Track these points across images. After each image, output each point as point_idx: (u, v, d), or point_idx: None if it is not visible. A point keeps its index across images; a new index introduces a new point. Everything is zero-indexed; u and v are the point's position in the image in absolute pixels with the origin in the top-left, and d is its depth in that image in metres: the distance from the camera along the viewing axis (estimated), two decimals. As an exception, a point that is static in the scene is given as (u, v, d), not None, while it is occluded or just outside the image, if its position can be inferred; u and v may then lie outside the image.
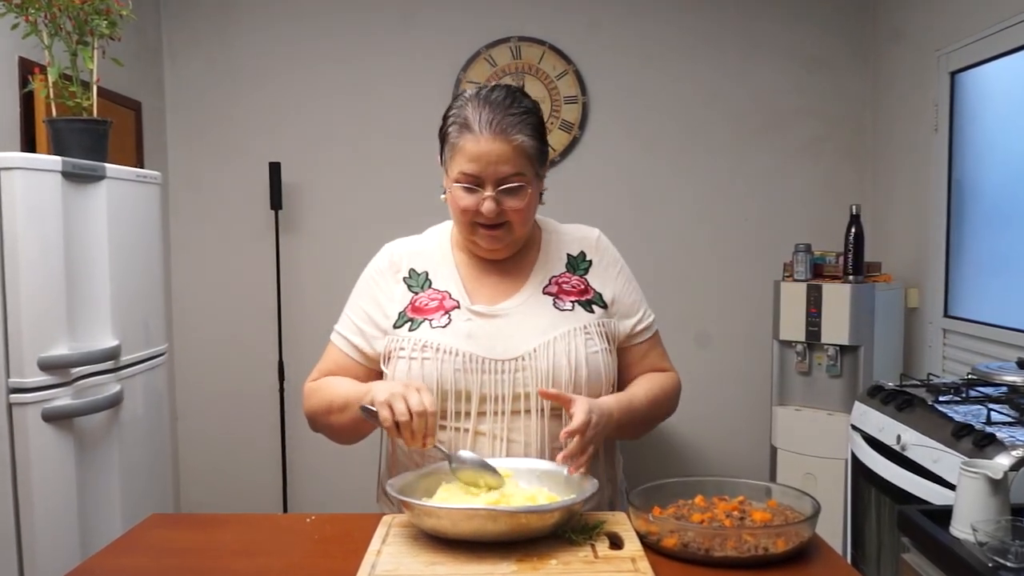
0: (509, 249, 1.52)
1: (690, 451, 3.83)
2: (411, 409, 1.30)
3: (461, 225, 1.48)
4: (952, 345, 3.01)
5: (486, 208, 1.41)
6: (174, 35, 3.76)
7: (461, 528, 1.19)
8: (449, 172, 1.46)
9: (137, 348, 2.38)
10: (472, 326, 1.47)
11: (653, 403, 1.53)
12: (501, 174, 1.41)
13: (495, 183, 1.41)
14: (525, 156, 1.43)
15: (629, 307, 1.57)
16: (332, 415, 1.48)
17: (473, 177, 1.41)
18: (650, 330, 1.59)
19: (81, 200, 2.15)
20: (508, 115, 1.42)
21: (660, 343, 1.63)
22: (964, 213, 3.01)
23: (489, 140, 1.40)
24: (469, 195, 1.43)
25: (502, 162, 1.40)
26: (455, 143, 1.43)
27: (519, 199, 1.43)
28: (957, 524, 1.39)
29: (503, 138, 1.40)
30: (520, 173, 1.42)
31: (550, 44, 3.70)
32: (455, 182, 1.44)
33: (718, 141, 3.75)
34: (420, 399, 1.31)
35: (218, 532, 1.38)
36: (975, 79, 2.95)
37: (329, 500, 3.74)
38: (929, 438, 1.95)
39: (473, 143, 1.40)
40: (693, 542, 1.18)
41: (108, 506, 2.22)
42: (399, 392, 1.32)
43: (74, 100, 2.23)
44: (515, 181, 1.42)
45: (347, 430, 1.49)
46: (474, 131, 1.41)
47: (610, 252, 1.60)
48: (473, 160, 1.40)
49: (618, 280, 1.57)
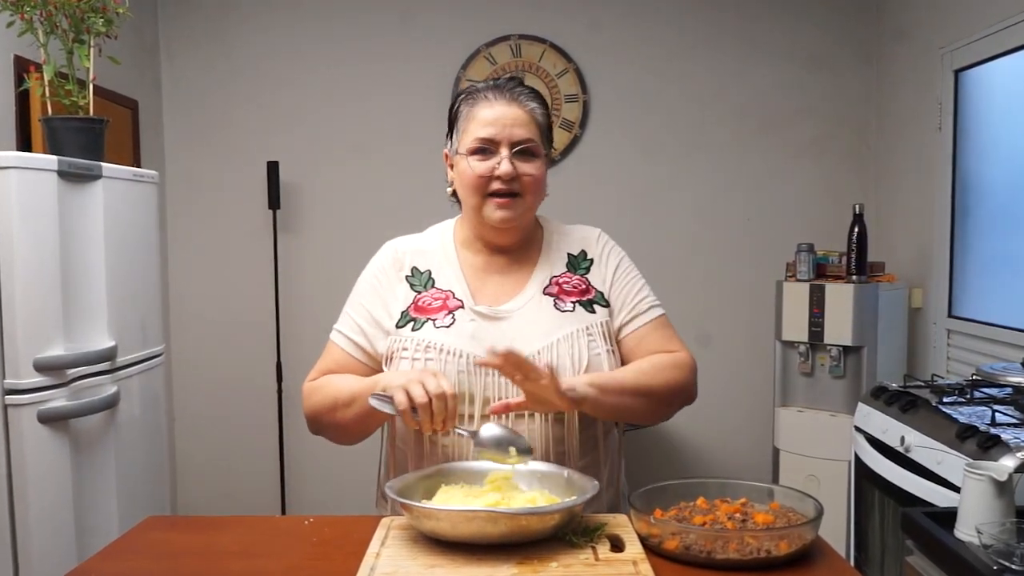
0: (519, 229, 1.51)
1: (692, 453, 3.83)
2: (429, 392, 1.29)
3: (475, 199, 1.48)
4: (956, 346, 3.00)
5: (503, 168, 1.44)
6: (171, 33, 3.76)
7: (461, 530, 1.18)
8: (461, 145, 1.48)
9: (134, 349, 2.38)
10: (476, 327, 1.46)
11: (640, 373, 1.46)
12: (516, 136, 1.45)
13: (510, 145, 1.45)
14: (536, 125, 1.48)
15: (623, 297, 1.55)
16: (338, 411, 1.46)
17: (488, 140, 1.45)
18: (651, 313, 1.55)
19: (77, 200, 2.14)
20: (518, 88, 1.50)
21: (668, 327, 1.56)
22: (968, 212, 3.01)
23: (504, 104, 1.47)
24: (484, 161, 1.45)
25: (517, 124, 1.46)
26: (468, 112, 1.48)
27: (533, 166, 1.47)
28: (962, 526, 1.39)
29: (516, 103, 1.47)
30: (532, 139, 1.47)
31: (551, 42, 3.70)
32: (469, 152, 1.46)
33: (720, 140, 3.75)
34: (438, 383, 1.30)
35: (216, 534, 1.38)
36: (979, 77, 2.95)
37: (328, 502, 3.74)
38: (933, 439, 1.95)
39: (487, 107, 1.47)
40: (695, 544, 1.18)
41: (104, 508, 2.22)
42: (415, 377, 1.31)
43: (70, 99, 2.23)
44: (529, 145, 1.46)
45: (353, 427, 1.47)
46: (488, 98, 1.47)
47: (610, 248, 1.59)
48: (489, 123, 1.45)
49: (618, 271, 1.57)
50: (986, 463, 1.42)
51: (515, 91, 1.48)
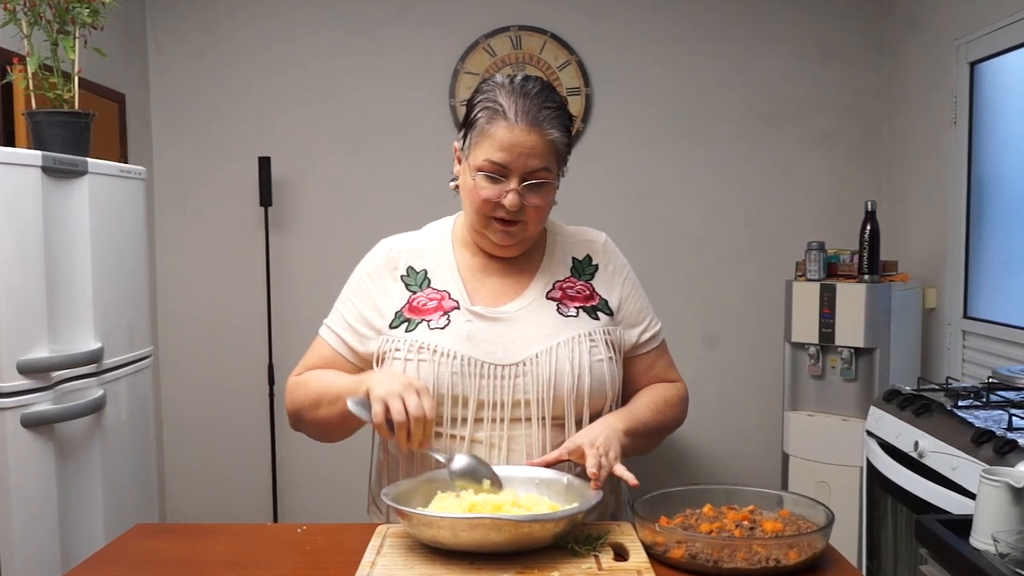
0: (519, 248, 1.52)
1: (698, 458, 3.83)
2: (409, 412, 1.29)
3: (476, 217, 1.47)
4: (972, 347, 3.00)
5: (509, 201, 1.41)
6: (159, 23, 3.76)
7: (461, 539, 1.18)
8: (471, 159, 1.44)
9: (121, 351, 2.38)
10: (472, 328, 1.46)
11: (657, 412, 1.53)
12: (530, 167, 1.41)
13: (521, 176, 1.41)
14: (555, 152, 1.44)
15: (636, 315, 1.57)
16: (321, 408, 1.46)
17: (500, 167, 1.41)
18: (657, 339, 1.60)
19: (62, 196, 2.14)
20: (544, 108, 1.42)
21: (667, 352, 1.63)
22: (984, 209, 3.01)
23: (524, 131, 1.40)
24: (492, 185, 1.42)
25: (533, 155, 1.41)
26: (485, 128, 1.42)
27: (541, 196, 1.44)
28: (977, 535, 1.39)
29: (538, 131, 1.40)
30: (547, 169, 1.43)
31: (551, 33, 3.70)
32: (479, 170, 1.42)
33: (727, 134, 3.75)
34: (419, 403, 1.29)
35: (205, 543, 1.38)
36: (995, 70, 2.95)
37: (321, 509, 3.74)
38: (948, 445, 1.95)
39: (506, 131, 1.40)
40: (701, 553, 1.18)
41: (90, 515, 2.22)
42: (397, 391, 1.30)
43: (55, 92, 2.23)
44: (542, 177, 1.43)
45: (335, 425, 1.47)
46: (508, 119, 1.40)
47: (617, 257, 1.60)
48: (504, 149, 1.40)
49: (624, 286, 1.58)
50: (1003, 469, 1.42)
51: (540, 115, 1.40)
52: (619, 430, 1.42)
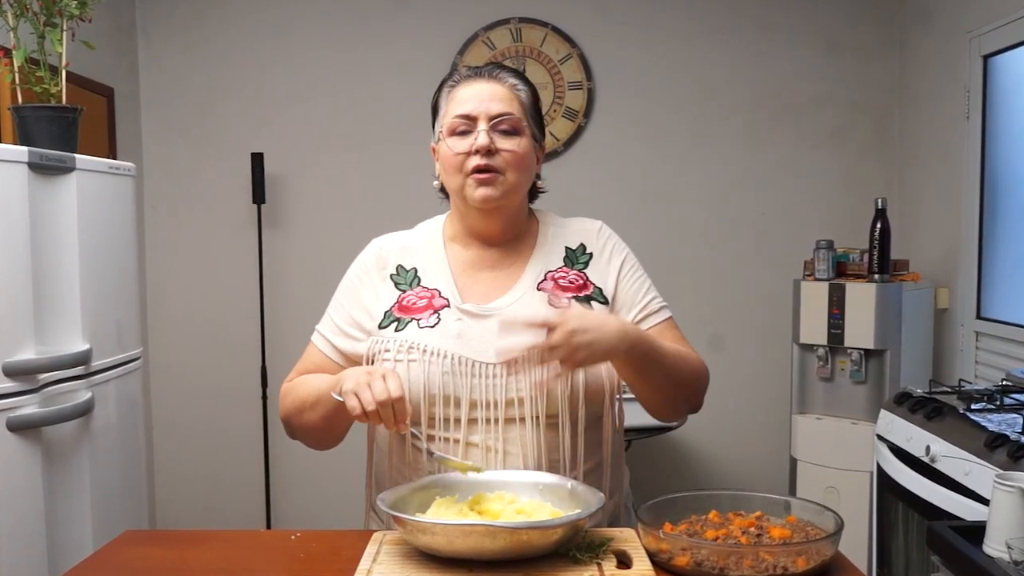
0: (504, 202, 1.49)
1: (703, 462, 3.83)
2: (375, 398, 1.30)
3: (455, 179, 1.49)
4: (985, 349, 3.01)
5: (479, 141, 1.45)
6: (149, 15, 3.76)
7: (457, 546, 1.18)
8: (443, 129, 1.50)
9: (109, 352, 2.38)
10: (462, 326, 1.47)
11: (675, 355, 1.45)
12: (494, 111, 1.47)
13: (488, 119, 1.47)
14: (518, 101, 1.50)
15: (633, 295, 1.54)
16: (305, 413, 1.48)
17: (465, 117, 1.47)
18: (659, 315, 1.54)
19: (49, 193, 2.14)
20: (499, 69, 1.54)
21: (675, 329, 1.56)
22: (998, 206, 3.01)
23: (482, 81, 1.51)
24: (462, 139, 1.48)
25: (495, 100, 1.48)
26: (448, 95, 1.52)
27: (514, 141, 1.48)
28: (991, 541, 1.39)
29: (495, 80, 1.51)
30: (512, 114, 1.48)
31: (553, 26, 3.70)
32: (448, 133, 1.49)
33: (733, 130, 3.75)
34: (384, 386, 1.31)
35: (196, 550, 1.38)
36: (1010, 63, 2.95)
37: (316, 515, 3.74)
38: (960, 449, 1.95)
39: (465, 88, 1.50)
40: (707, 560, 1.18)
41: (78, 522, 2.22)
42: (364, 380, 1.32)
43: (41, 86, 2.23)
44: (508, 121, 1.48)
45: (322, 429, 1.48)
46: (466, 79, 1.52)
47: (612, 242, 1.58)
48: (466, 101, 1.49)
49: (621, 270, 1.55)
50: (1017, 474, 1.42)
51: (495, 71, 1.52)
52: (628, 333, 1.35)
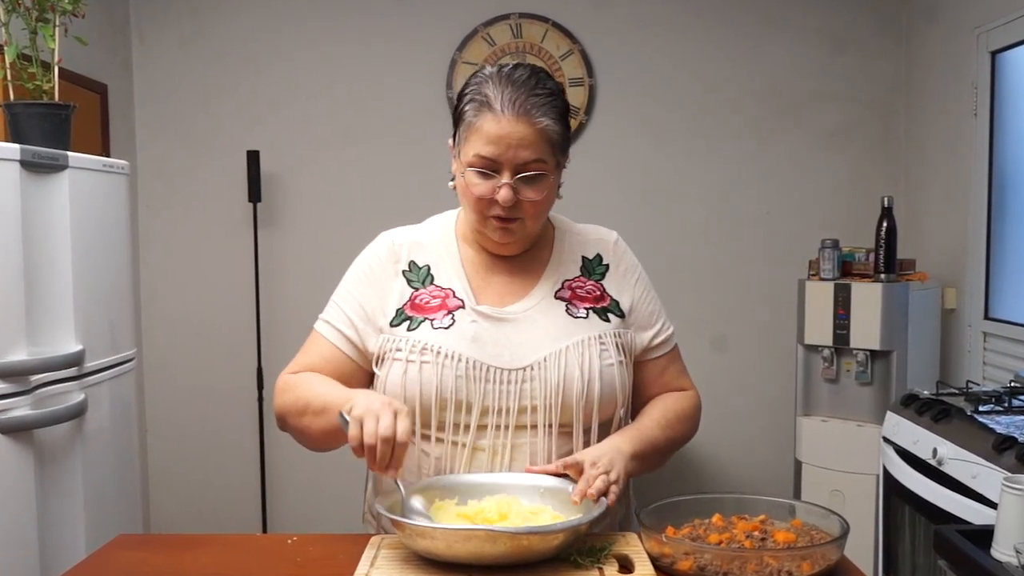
0: (520, 245, 1.52)
1: (706, 466, 3.83)
2: (377, 433, 1.25)
3: (473, 215, 1.47)
4: (993, 350, 3.00)
5: (502, 196, 1.40)
6: (143, 11, 3.76)
7: (456, 550, 1.18)
8: (462, 155, 1.44)
9: (103, 353, 2.38)
10: (477, 329, 1.46)
11: (667, 428, 1.52)
12: (521, 159, 1.40)
13: (513, 169, 1.40)
14: (548, 142, 1.42)
15: (647, 318, 1.57)
16: (306, 417, 1.44)
17: (490, 161, 1.40)
18: (669, 343, 1.60)
19: (41, 192, 2.14)
20: (533, 95, 1.40)
21: (679, 358, 1.63)
22: (1006, 205, 3.01)
23: (511, 121, 1.39)
24: (484, 181, 1.41)
25: (523, 146, 1.39)
26: (472, 123, 1.41)
27: (537, 190, 1.42)
28: (999, 546, 1.38)
29: (526, 120, 1.39)
30: (541, 160, 1.41)
31: (553, 21, 3.70)
32: (469, 166, 1.42)
33: (737, 127, 3.75)
34: (391, 424, 1.26)
35: (191, 554, 1.38)
36: (1018, 59, 2.95)
37: (313, 519, 3.74)
38: (968, 452, 1.95)
39: (493, 123, 1.39)
40: (710, 565, 1.18)
41: (71, 526, 2.22)
42: (375, 409, 1.28)
43: (33, 82, 2.23)
44: (535, 168, 1.41)
45: (318, 437, 1.45)
46: (495, 110, 1.39)
47: (628, 257, 1.60)
48: (492, 142, 1.39)
49: (636, 288, 1.57)
50: (1026, 477, 1.42)
51: (528, 102, 1.39)
52: (626, 453, 1.41)
